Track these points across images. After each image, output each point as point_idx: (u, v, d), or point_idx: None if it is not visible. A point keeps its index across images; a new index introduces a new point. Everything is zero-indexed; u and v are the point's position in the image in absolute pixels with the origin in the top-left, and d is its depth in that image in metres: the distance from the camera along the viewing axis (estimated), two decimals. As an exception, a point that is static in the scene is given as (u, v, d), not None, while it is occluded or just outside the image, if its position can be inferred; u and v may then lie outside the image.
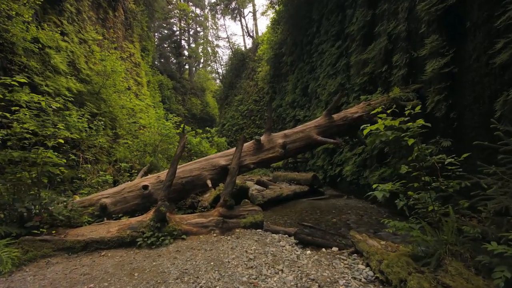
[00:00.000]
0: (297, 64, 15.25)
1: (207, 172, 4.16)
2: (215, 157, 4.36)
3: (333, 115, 4.82)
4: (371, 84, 7.48)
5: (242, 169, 4.29)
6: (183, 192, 4.04)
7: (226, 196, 3.84)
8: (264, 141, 4.48)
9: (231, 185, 3.95)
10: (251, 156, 4.37)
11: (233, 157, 4.11)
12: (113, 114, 10.26)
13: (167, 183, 3.64)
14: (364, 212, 5.93)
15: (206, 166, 4.23)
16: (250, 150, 4.43)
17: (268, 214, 5.92)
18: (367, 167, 7.23)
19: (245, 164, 4.28)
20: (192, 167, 4.22)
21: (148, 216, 3.32)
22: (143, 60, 21.89)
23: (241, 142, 4.20)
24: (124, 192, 3.97)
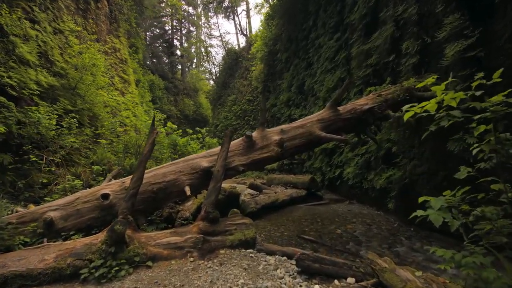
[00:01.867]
0: (293, 61, 14.54)
1: (186, 177, 3.35)
2: (196, 158, 3.54)
3: (339, 107, 4.07)
4: (375, 77, 6.76)
5: (229, 172, 3.49)
6: (154, 202, 3.21)
7: (208, 206, 3.04)
8: (256, 138, 3.69)
9: (215, 193, 3.15)
10: (240, 156, 3.57)
11: (218, 158, 3.30)
12: (91, 112, 9.33)
13: (131, 191, 2.82)
14: (371, 221, 5.17)
15: (184, 169, 3.40)
16: (239, 149, 3.63)
17: (262, 224, 5.12)
18: (372, 169, 6.49)
19: (233, 166, 3.48)
20: (166, 171, 3.39)
21: (100, 237, 2.48)
22: (131, 57, 20.94)
23: (227, 139, 3.39)
24: (78, 202, 3.10)
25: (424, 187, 4.81)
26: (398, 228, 4.72)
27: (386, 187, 5.74)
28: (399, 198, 5.22)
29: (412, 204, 5.33)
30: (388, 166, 5.86)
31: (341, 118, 4.01)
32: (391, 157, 5.82)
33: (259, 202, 5.97)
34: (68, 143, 6.92)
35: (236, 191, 5.00)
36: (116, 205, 3.02)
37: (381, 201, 6.04)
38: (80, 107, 8.73)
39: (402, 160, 5.35)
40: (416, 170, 5.05)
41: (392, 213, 5.53)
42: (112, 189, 3.19)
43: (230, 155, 3.52)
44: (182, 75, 43.59)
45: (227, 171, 3.44)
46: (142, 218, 3.17)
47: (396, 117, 4.00)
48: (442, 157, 4.57)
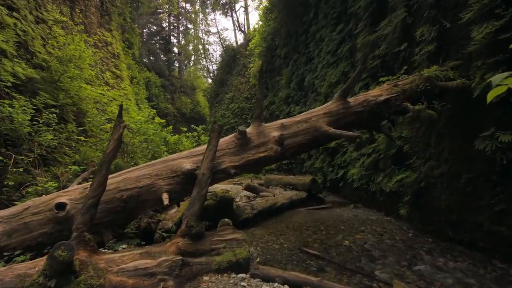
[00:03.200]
0: (292, 56, 13.93)
1: (164, 181, 2.72)
2: (177, 158, 2.91)
3: (349, 99, 3.47)
4: (384, 69, 6.16)
5: (218, 176, 2.87)
6: (124, 212, 2.58)
7: (190, 219, 2.42)
8: (251, 134, 3.08)
9: (199, 202, 2.53)
10: (231, 156, 2.95)
11: (203, 158, 2.69)
12: (76, 107, 8.67)
13: (89, 201, 2.19)
14: (382, 229, 4.58)
15: (162, 172, 2.77)
16: (230, 148, 3.01)
17: (258, 233, 4.52)
18: (380, 170, 5.90)
19: (223, 169, 2.86)
20: (140, 174, 2.76)
21: (39, 265, 1.87)
22: (124, 53, 20.26)
23: (215, 135, 2.76)
24: (27, 214, 2.47)
25: (443, 192, 4.22)
26: (414, 239, 4.12)
27: (397, 190, 5.15)
28: (413, 204, 4.63)
29: (429, 210, 4.76)
30: (400, 167, 5.27)
31: (352, 112, 3.40)
32: (403, 157, 5.23)
33: (255, 207, 5.37)
34: (45, 140, 6.27)
35: (229, 196, 4.39)
36: (74, 217, 2.40)
37: (391, 206, 5.45)
38: (63, 102, 8.07)
39: (416, 161, 4.75)
40: (433, 172, 4.46)
41: (404, 220, 4.94)
42: (70, 197, 2.56)
43: (219, 155, 2.91)
44: (179, 73, 42.97)
45: (215, 174, 2.83)
46: (109, 232, 2.56)
47: (416, 110, 3.39)
48: (465, 158, 3.98)
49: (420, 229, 4.50)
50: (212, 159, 2.71)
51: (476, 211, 3.74)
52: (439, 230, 4.21)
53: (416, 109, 3.41)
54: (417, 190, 4.60)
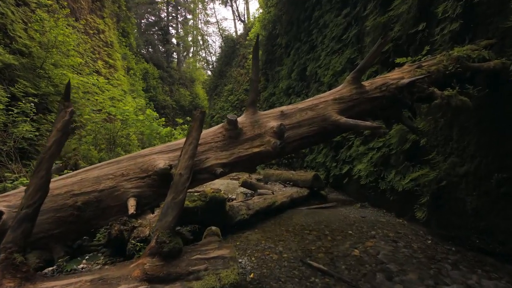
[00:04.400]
0: (293, 45, 13.22)
1: (131, 183, 2.14)
2: (149, 154, 2.31)
3: (364, 83, 2.87)
4: (397, 53, 5.50)
5: (201, 176, 2.29)
6: (79, 223, 2.00)
7: (162, 233, 1.85)
8: (244, 124, 2.49)
9: (174, 210, 1.95)
10: (219, 152, 2.36)
11: (181, 154, 2.10)
12: (60, 96, 8.04)
13: (23, 211, 1.62)
14: (395, 235, 4.02)
15: (129, 171, 2.20)
16: (217, 141, 2.42)
17: (254, 237, 3.96)
18: (391, 167, 5.32)
19: (207, 167, 2.27)
20: (101, 173, 2.13)
21: None
22: (119, 42, 19.51)
23: (196, 125, 2.15)
24: None
25: (469, 193, 3.64)
26: (434, 247, 3.56)
27: (411, 190, 4.58)
28: (432, 206, 4.05)
29: (451, 214, 4.17)
30: (414, 163, 4.68)
31: (368, 97, 2.80)
32: (419, 153, 4.64)
33: (252, 207, 4.81)
34: (20, 132, 5.68)
35: (220, 196, 3.82)
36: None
37: (404, 207, 4.89)
38: (45, 91, 7.45)
39: (436, 157, 4.15)
40: (456, 170, 3.87)
41: (419, 223, 4.38)
42: (9, 203, 1.97)
43: (202, 150, 2.33)
44: (178, 65, 42.20)
45: (197, 174, 2.25)
46: (60, 247, 1.99)
47: (445, 96, 2.78)
48: (497, 154, 3.39)
49: (439, 235, 3.93)
50: (192, 155, 2.12)
51: (511, 217, 3.17)
52: (463, 237, 3.64)
53: (445, 95, 2.80)
54: (437, 190, 4.02)
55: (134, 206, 2.02)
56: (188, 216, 3.56)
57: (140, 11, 37.59)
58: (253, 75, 2.65)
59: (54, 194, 2.02)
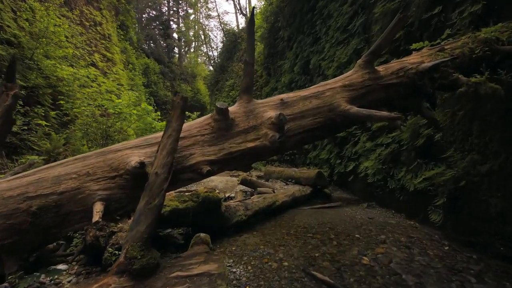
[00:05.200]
0: (296, 38, 12.78)
1: (98, 184, 1.76)
2: (123, 149, 1.92)
3: (378, 67, 2.48)
4: (408, 41, 5.07)
5: (184, 176, 1.91)
6: (33, 231, 1.67)
7: (132, 247, 1.50)
8: (236, 115, 2.11)
9: (149, 218, 1.59)
10: (206, 147, 1.98)
11: (158, 150, 1.73)
12: (53, 89, 7.70)
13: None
14: (407, 239, 3.64)
15: (97, 170, 1.83)
16: (204, 134, 2.04)
17: (252, 241, 3.60)
18: (402, 164, 4.92)
19: (192, 165, 1.91)
20: (62, 172, 1.75)
21: None
22: (119, 36, 19.12)
23: (176, 114, 1.77)
24: None
25: (493, 195, 3.25)
26: (453, 255, 3.18)
27: (424, 190, 4.19)
28: (449, 208, 3.66)
29: (470, 217, 3.77)
30: (428, 161, 4.29)
31: (383, 84, 2.41)
32: (433, 149, 4.24)
33: (250, 207, 4.45)
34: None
35: (214, 196, 3.46)
36: None
37: (415, 208, 4.51)
38: (35, 83, 7.10)
39: (455, 154, 3.75)
40: (477, 169, 3.48)
41: (433, 226, 3.99)
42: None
43: (186, 145, 1.96)
44: (179, 60, 41.82)
45: (179, 173, 1.88)
46: (12, 260, 1.65)
47: (472, 84, 2.39)
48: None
49: (457, 241, 3.55)
50: (171, 150, 1.75)
51: (544, 222, 2.79)
52: (485, 244, 3.26)
53: (472, 81, 2.39)
54: (455, 191, 3.63)
55: (101, 212, 1.66)
56: (178, 218, 3.20)
57: (140, 5, 37.18)
58: (247, 55, 2.26)
59: (5, 197, 1.67)
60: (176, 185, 1.97)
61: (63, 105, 6.90)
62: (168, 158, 1.73)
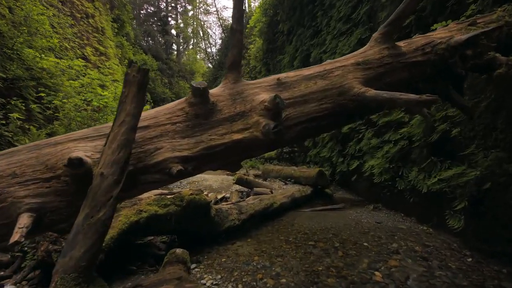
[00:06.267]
0: (296, 31, 12.33)
1: (26, 189, 1.27)
2: (65, 141, 1.39)
3: (398, 43, 2.02)
4: (420, 27, 4.62)
5: (147, 177, 1.44)
6: None
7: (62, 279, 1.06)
8: (219, 98, 1.63)
9: (91, 237, 1.13)
10: (177, 139, 1.49)
11: (106, 142, 1.26)
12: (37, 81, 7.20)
13: None
14: (423, 248, 3.19)
15: (26, 169, 1.30)
16: (175, 122, 1.56)
17: (245, 250, 3.15)
18: (412, 163, 4.48)
19: (157, 163, 1.42)
20: None
21: None
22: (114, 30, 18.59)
23: (132, 93, 1.28)
24: None
25: (525, 198, 2.80)
26: (478, 268, 2.73)
27: (438, 191, 3.74)
28: (472, 213, 3.21)
29: (497, 224, 3.30)
30: (443, 159, 3.84)
31: (406, 63, 1.94)
32: (449, 146, 3.79)
33: (245, 210, 3.99)
34: (-26, 119, 4.87)
35: (201, 200, 3.00)
36: None
37: (428, 211, 4.07)
38: (16, 74, 6.59)
39: (478, 152, 3.29)
40: (504, 168, 3.02)
41: (450, 232, 3.54)
42: None
43: (150, 136, 1.49)
44: (177, 56, 41.29)
45: (140, 174, 1.42)
46: None
47: None
48: None
49: (480, 250, 3.10)
50: (124, 143, 1.28)
51: None
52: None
53: None
54: (477, 193, 3.17)
55: (25, 228, 1.19)
56: (158, 226, 2.75)
57: (138, 1, 36.65)
58: (234, 21, 1.79)
59: None
60: (136, 189, 1.51)
61: (44, 98, 6.42)
62: (119, 154, 1.27)
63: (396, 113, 4.95)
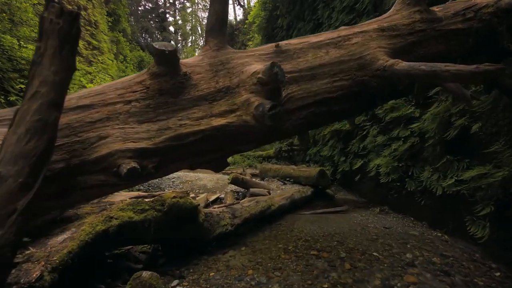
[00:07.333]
0: (296, 26, 11.94)
1: None
2: None
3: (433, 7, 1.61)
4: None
5: (88, 180, 1.02)
6: None
7: None
8: (195, 68, 1.20)
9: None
10: (131, 124, 1.06)
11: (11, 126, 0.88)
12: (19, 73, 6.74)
13: None
14: (442, 260, 2.78)
15: None
16: (130, 100, 1.12)
17: (237, 263, 2.73)
18: (423, 162, 4.08)
19: (99, 158, 0.98)
20: None
21: None
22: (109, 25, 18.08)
23: (51, 48, 0.92)
24: None
25: None
26: (510, 285, 2.33)
27: (456, 193, 3.34)
28: (497, 219, 2.80)
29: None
30: (461, 157, 3.43)
31: (442, 31, 1.52)
32: (468, 143, 3.38)
33: (239, 214, 3.58)
34: None
35: (186, 203, 2.58)
36: None
37: (442, 215, 3.66)
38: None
39: (503, 149, 2.88)
40: (537, 168, 2.63)
41: (470, 240, 3.14)
42: None
43: (92, 119, 1.05)
44: (175, 54, 40.83)
45: (75, 175, 0.99)
46: None
47: None
48: None
49: (507, 262, 2.70)
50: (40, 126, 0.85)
51: None
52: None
53: None
54: (504, 197, 2.77)
55: None
56: (134, 235, 2.32)
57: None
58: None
59: None
60: (71, 197, 1.08)
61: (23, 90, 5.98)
62: (29, 143, 0.84)
63: (405, 108, 4.55)
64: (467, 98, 1.26)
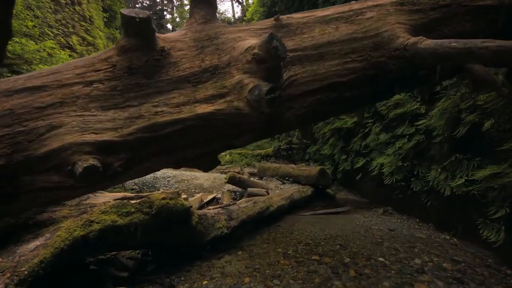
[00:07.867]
0: (295, 21, 11.66)
1: None
2: None
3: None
4: None
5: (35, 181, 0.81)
6: None
7: None
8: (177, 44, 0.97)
9: None
10: (94, 110, 0.84)
11: None
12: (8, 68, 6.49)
13: None
14: (454, 267, 2.59)
15: None
16: (93, 80, 0.92)
17: (234, 269, 2.53)
18: (430, 161, 3.88)
19: (50, 153, 0.76)
20: None
21: None
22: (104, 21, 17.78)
23: None
24: None
25: None
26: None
27: (465, 194, 3.14)
28: (511, 223, 2.61)
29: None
30: (471, 156, 3.23)
31: (469, 6, 1.30)
32: (479, 140, 3.19)
33: (235, 215, 3.37)
34: None
35: (177, 205, 2.37)
36: None
37: (450, 217, 3.47)
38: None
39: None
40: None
41: (481, 244, 2.95)
42: None
43: (46, 103, 0.84)
44: (173, 51, 40.58)
45: (19, 175, 0.80)
46: None
47: None
48: None
49: (525, 269, 2.51)
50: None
51: None
52: None
53: None
54: (522, 198, 2.58)
55: None
56: (118, 240, 2.11)
57: (132, -6, 35.84)
58: None
59: None
60: (17, 201, 0.86)
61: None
62: None
63: (410, 104, 4.35)
64: (498, 85, 1.08)
